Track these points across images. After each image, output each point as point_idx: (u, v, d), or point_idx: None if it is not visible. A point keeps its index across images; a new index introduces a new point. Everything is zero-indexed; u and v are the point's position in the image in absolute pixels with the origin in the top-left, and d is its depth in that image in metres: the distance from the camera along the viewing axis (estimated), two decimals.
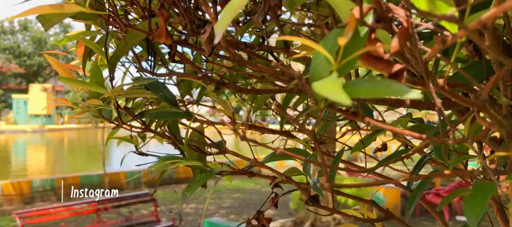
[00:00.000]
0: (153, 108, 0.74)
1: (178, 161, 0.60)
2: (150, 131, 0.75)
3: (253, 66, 0.50)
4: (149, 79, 0.69)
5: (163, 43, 0.58)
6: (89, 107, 0.67)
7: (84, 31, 0.68)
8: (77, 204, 5.71)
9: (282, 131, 0.88)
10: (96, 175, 10.98)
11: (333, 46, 0.26)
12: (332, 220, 6.92)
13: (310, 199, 0.65)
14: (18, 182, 9.78)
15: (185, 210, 8.63)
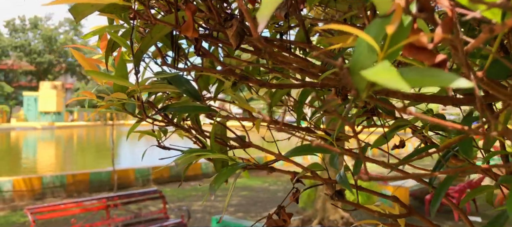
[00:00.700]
0: (175, 102, 0.74)
1: (204, 154, 0.60)
2: (173, 125, 0.75)
3: (285, 59, 0.50)
4: (172, 73, 0.69)
5: (189, 37, 0.58)
6: (112, 101, 0.67)
7: (109, 25, 0.68)
8: (87, 200, 5.76)
9: (305, 128, 0.88)
10: (105, 172, 11.08)
11: (377, 35, 0.26)
12: (340, 219, 6.90)
13: (335, 193, 0.64)
14: (29, 178, 9.90)
15: (193, 208, 8.67)
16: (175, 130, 0.80)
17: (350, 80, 0.26)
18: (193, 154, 0.59)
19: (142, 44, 0.63)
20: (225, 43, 0.62)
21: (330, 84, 0.54)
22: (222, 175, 0.50)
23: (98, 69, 0.73)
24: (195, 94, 0.68)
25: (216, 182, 0.50)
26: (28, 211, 5.11)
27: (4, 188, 9.27)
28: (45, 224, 6.81)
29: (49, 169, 16.80)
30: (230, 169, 0.51)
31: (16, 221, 7.65)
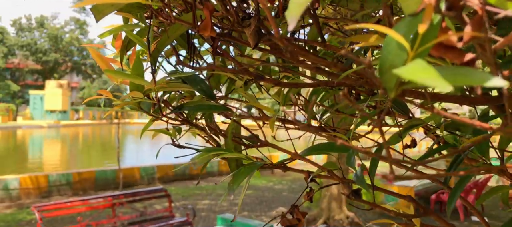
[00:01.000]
0: (190, 101, 0.74)
1: (221, 153, 0.60)
2: (189, 124, 0.75)
3: (306, 57, 0.49)
4: (188, 72, 0.68)
5: (205, 37, 0.58)
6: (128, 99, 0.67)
7: (125, 24, 0.68)
8: (93, 198, 5.80)
9: (319, 127, 0.87)
10: (110, 170, 11.13)
11: (406, 34, 0.26)
12: (345, 219, 6.88)
13: (352, 193, 0.64)
14: (35, 176, 9.98)
15: (197, 206, 8.69)
16: (189, 129, 0.79)
17: (378, 78, 0.26)
18: (210, 153, 0.59)
19: (159, 43, 0.63)
20: (241, 42, 0.62)
21: (346, 83, 0.54)
22: (241, 174, 0.50)
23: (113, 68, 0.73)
24: (209, 93, 0.68)
25: (234, 182, 0.50)
26: (35, 209, 5.15)
27: (11, 186, 9.34)
28: (52, 221, 6.86)
29: (54, 167, 16.92)
30: (248, 168, 0.50)
31: (23, 218, 7.71)
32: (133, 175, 11.39)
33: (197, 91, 0.69)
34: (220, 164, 13.87)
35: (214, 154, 0.59)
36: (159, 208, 7.98)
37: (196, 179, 12.64)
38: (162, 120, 0.73)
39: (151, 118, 0.76)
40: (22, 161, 19.18)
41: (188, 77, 0.68)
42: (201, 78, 0.70)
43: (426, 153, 0.67)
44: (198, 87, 0.68)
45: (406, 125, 0.67)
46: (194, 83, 0.68)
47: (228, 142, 0.67)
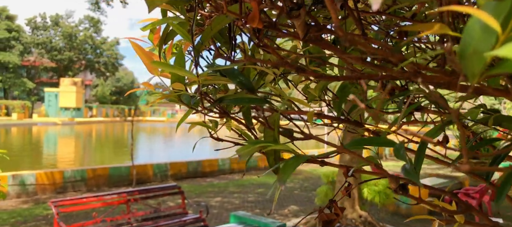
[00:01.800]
0: (230, 94, 0.73)
1: (268, 145, 0.59)
2: (228, 117, 0.75)
3: (365, 47, 0.48)
4: (227, 65, 0.68)
5: (254, 27, 0.57)
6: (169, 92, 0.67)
7: (167, 17, 0.68)
8: (108, 194, 5.86)
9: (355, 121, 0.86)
10: (124, 167, 11.25)
11: (496, 15, 0.24)
12: (358, 218, 6.83)
13: (399, 187, 0.62)
14: (51, 172, 10.14)
15: (210, 203, 8.72)
16: (225, 122, 0.79)
17: (460, 64, 0.24)
18: (256, 145, 0.58)
19: (202, 35, 0.63)
20: (287, 34, 0.61)
21: (396, 76, 0.52)
22: (289, 166, 0.49)
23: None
24: (249, 86, 0.67)
25: (284, 174, 0.49)
26: (52, 204, 5.23)
27: (28, 182, 9.52)
28: (67, 217, 6.97)
29: (69, 164, 17.18)
30: (296, 160, 0.49)
31: (39, 213, 7.85)
32: (146, 172, 11.49)
33: (236, 85, 0.69)
34: (232, 162, 13.89)
35: (260, 146, 0.58)
36: (172, 205, 8.04)
37: (208, 177, 12.68)
38: (202, 113, 0.73)
39: (188, 110, 0.76)
40: (38, 157, 19.53)
41: (226, 70, 0.67)
42: (240, 71, 0.69)
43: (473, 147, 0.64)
44: (237, 80, 0.67)
45: (447, 119, 0.65)
46: (233, 76, 0.67)
47: (276, 135, 0.66)
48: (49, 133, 36.14)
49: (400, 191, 0.63)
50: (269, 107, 0.70)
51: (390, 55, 0.50)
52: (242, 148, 0.57)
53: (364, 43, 0.46)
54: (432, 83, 0.51)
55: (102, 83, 67.22)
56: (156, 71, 0.67)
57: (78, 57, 63.68)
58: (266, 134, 0.67)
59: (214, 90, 0.77)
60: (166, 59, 0.71)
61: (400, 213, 8.44)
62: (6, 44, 55.99)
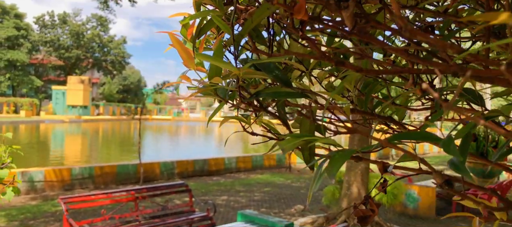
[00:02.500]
0: (267, 88, 0.73)
1: (312, 138, 0.59)
2: (265, 111, 0.75)
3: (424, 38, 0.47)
4: (262, 59, 0.68)
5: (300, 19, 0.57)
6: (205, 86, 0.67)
7: (203, 11, 0.69)
8: (117, 192, 5.90)
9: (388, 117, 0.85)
10: (131, 165, 11.32)
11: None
12: None
13: (445, 183, 0.62)
14: (59, 169, 10.24)
15: (216, 202, 8.75)
16: (257, 117, 0.79)
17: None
18: (300, 138, 0.58)
19: (243, 28, 0.63)
20: (332, 26, 0.61)
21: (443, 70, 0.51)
22: (338, 160, 0.49)
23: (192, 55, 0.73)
24: (285, 80, 0.67)
25: (333, 167, 0.49)
26: (61, 200, 5.28)
27: (36, 178, 9.62)
28: (75, 213, 7.03)
29: (76, 161, 17.32)
30: (344, 154, 0.49)
31: (48, 210, 7.92)
32: (153, 170, 11.56)
33: (272, 78, 0.69)
34: (238, 161, 13.92)
35: (304, 139, 0.58)
36: (179, 203, 8.08)
37: (214, 175, 12.73)
38: (239, 107, 0.73)
39: (222, 103, 0.76)
40: (45, 154, 19.70)
41: (262, 64, 0.67)
42: (275, 65, 0.69)
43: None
44: (273, 74, 0.67)
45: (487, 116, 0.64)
46: (269, 70, 0.67)
47: (304, 128, 0.66)
48: (56, 130, 36.44)
49: (445, 187, 0.63)
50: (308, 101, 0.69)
51: (449, 47, 0.50)
52: (285, 141, 0.58)
53: (424, 34, 0.46)
54: (477, 78, 0.50)
55: (109, 81, 67.65)
56: (192, 64, 0.68)
57: (86, 55, 64.14)
58: (303, 128, 0.67)
59: (249, 84, 0.77)
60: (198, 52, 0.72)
61: (407, 214, 8.41)
62: (14, 42, 56.54)
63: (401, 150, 0.55)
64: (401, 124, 0.76)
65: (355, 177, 7.02)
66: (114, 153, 21.95)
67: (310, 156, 0.64)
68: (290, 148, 0.57)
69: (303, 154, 0.65)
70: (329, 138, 0.57)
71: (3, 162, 2.26)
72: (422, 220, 8.02)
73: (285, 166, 14.91)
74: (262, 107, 0.74)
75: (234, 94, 0.71)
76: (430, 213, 8.30)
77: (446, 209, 8.86)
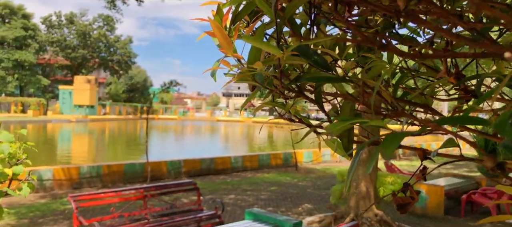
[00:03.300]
0: (307, 73, 0.73)
1: (361, 121, 0.58)
2: (303, 96, 0.75)
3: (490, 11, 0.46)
4: (300, 43, 0.67)
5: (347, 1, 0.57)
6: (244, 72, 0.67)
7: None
8: (126, 190, 5.94)
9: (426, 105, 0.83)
10: (139, 163, 11.37)
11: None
12: (373, 216, 6.78)
13: (497, 166, 0.61)
14: (68, 168, 10.32)
15: (223, 201, 8.76)
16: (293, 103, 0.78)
17: None
18: (347, 122, 0.58)
19: (285, 11, 0.63)
20: (381, 8, 0.61)
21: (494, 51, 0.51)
22: (392, 141, 0.48)
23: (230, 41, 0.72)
24: (325, 65, 0.67)
25: (388, 148, 0.49)
26: (71, 198, 5.32)
27: (45, 177, 9.70)
28: (84, 212, 7.08)
29: (83, 160, 17.44)
30: (399, 135, 0.49)
31: (57, 208, 7.98)
32: (160, 168, 11.60)
33: (311, 63, 0.68)
34: (245, 160, 13.94)
35: (353, 122, 0.57)
36: (186, 201, 8.10)
37: (220, 174, 12.75)
38: (278, 92, 0.73)
39: (255, 90, 0.76)
40: (53, 153, 19.86)
41: (300, 49, 0.67)
42: (314, 50, 0.68)
43: None
44: (312, 59, 0.67)
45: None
46: (307, 56, 0.67)
47: (345, 112, 0.66)
48: (63, 130, 36.70)
49: (498, 170, 0.62)
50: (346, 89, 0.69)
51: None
52: (332, 125, 0.57)
53: (491, 8, 0.46)
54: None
55: (115, 81, 68.01)
56: (229, 50, 0.67)
57: (92, 55, 64.54)
58: (344, 113, 0.67)
59: (287, 69, 0.76)
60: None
61: (415, 213, 8.36)
62: (22, 43, 57.03)
63: (449, 133, 0.54)
64: (437, 111, 0.76)
65: (363, 176, 6.99)
66: (121, 152, 22.06)
67: (348, 143, 0.64)
68: (338, 131, 0.57)
69: (342, 141, 0.64)
70: (379, 120, 0.57)
71: (18, 158, 2.28)
72: (430, 219, 7.96)
73: (292, 165, 14.90)
74: (301, 93, 0.73)
75: (271, 81, 0.71)
76: (439, 212, 8.24)
77: (455, 209, 8.79)
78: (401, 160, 18.35)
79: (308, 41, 0.64)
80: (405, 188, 0.77)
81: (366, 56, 0.77)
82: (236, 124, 60.44)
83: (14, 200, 8.43)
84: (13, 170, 2.29)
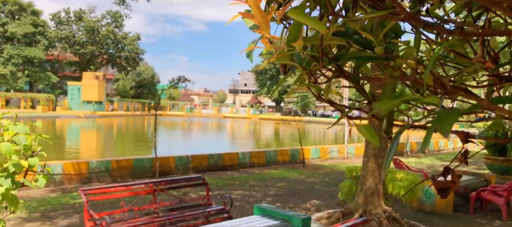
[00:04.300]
0: (351, 52, 0.72)
1: (416, 98, 0.57)
2: (343, 76, 0.74)
3: None
4: (340, 23, 0.67)
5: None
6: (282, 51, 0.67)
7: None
8: (135, 184, 5.98)
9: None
10: (147, 159, 11.45)
11: None
12: (382, 213, 6.76)
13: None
14: (77, 163, 10.42)
15: (231, 196, 8.79)
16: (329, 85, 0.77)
17: None
18: (397, 99, 0.57)
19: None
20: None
21: None
22: (446, 117, 0.48)
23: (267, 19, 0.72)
24: (367, 44, 0.66)
25: (444, 124, 0.49)
26: (82, 192, 5.37)
27: (55, 171, 9.80)
28: (93, 206, 7.15)
29: (91, 155, 17.60)
30: (452, 112, 0.49)
31: (67, 202, 8.08)
32: (169, 164, 11.67)
33: (352, 42, 0.68)
34: (252, 156, 13.96)
35: (401, 100, 0.57)
36: (194, 196, 8.14)
37: (228, 170, 12.78)
38: (318, 72, 0.73)
39: (289, 73, 0.76)
40: (62, 148, 20.06)
41: (344, 27, 0.66)
42: (354, 30, 0.68)
43: None
44: (353, 38, 0.66)
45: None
46: (348, 35, 0.67)
47: (386, 90, 0.65)
48: (72, 125, 37.06)
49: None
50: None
51: None
52: (381, 103, 0.57)
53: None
54: None
55: (123, 77, 68.44)
56: (267, 29, 0.67)
57: (100, 52, 64.98)
58: (385, 92, 0.66)
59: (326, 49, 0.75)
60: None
61: (424, 210, 8.31)
62: (32, 39, 57.60)
63: (504, 111, 0.54)
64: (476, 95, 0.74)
65: (372, 172, 6.96)
66: (129, 148, 22.22)
67: (388, 126, 0.63)
68: (388, 109, 0.57)
69: (383, 123, 0.63)
70: (434, 97, 0.56)
71: (33, 150, 2.31)
72: (439, 217, 7.91)
73: (299, 161, 14.89)
74: (342, 72, 0.73)
75: (309, 62, 0.71)
76: (447, 209, 8.19)
77: (464, 206, 8.72)
78: (408, 157, 18.23)
79: (351, 18, 0.64)
80: (446, 172, 0.76)
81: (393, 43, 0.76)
82: (243, 120, 60.51)
83: (25, 194, 8.54)
84: (29, 161, 2.33)
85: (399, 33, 0.77)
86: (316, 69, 0.71)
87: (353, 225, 4.44)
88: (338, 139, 30.75)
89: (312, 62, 0.71)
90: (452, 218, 7.86)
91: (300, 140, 14.62)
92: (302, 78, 0.74)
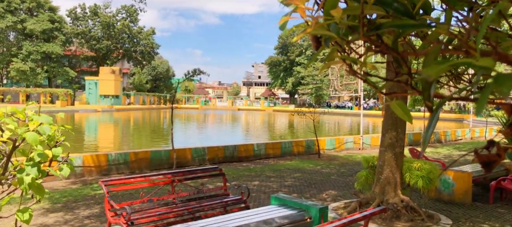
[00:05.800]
0: (389, 21, 0.71)
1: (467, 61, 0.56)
2: (382, 48, 0.73)
3: None
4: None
5: None
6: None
7: None
8: (154, 175, 6.08)
9: None
10: (164, 150, 11.61)
11: None
12: (400, 202, 6.70)
13: None
14: (96, 155, 10.63)
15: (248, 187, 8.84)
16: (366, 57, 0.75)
17: None
18: (446, 63, 0.56)
19: None
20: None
21: None
22: (505, 78, 0.48)
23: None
24: (407, 12, 0.66)
25: (503, 85, 0.48)
26: (102, 183, 5.49)
27: (75, 164, 10.04)
28: (113, 196, 7.31)
29: (109, 148, 17.94)
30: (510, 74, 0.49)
31: (87, 194, 8.27)
32: (185, 155, 11.80)
33: (392, 10, 0.67)
34: (267, 147, 13.99)
35: (451, 64, 0.56)
36: (211, 187, 8.23)
37: (244, 161, 12.86)
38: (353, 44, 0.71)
39: (321, 48, 0.76)
40: (81, 141, 20.49)
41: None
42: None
43: None
44: (393, 6, 0.66)
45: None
46: (387, 4, 0.66)
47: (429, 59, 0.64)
48: (90, 119, 37.79)
49: None
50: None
51: None
52: (429, 67, 0.56)
53: None
54: None
55: (139, 71, 69.21)
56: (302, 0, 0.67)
57: (116, 46, 65.79)
58: (429, 59, 0.65)
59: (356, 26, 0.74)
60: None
61: (442, 199, 8.21)
62: (49, 35, 58.70)
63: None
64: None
65: (389, 161, 6.90)
66: (145, 140, 22.55)
67: (429, 97, 0.63)
68: (436, 74, 0.56)
69: (424, 94, 0.63)
70: (487, 59, 0.55)
71: (57, 140, 2.38)
72: (458, 206, 7.80)
73: (314, 152, 14.86)
74: (382, 42, 0.72)
75: (347, 33, 0.70)
76: (466, 199, 8.07)
77: (483, 195, 8.58)
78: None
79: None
80: (490, 145, 0.74)
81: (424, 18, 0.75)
82: (257, 112, 60.59)
83: (48, 185, 8.79)
84: (53, 151, 2.39)
85: (429, 9, 0.76)
86: (354, 39, 0.70)
87: (372, 214, 4.43)
88: (353, 130, 30.50)
89: (349, 34, 0.70)
90: (471, 207, 7.74)
91: (315, 131, 14.57)
92: (332, 56, 0.73)
